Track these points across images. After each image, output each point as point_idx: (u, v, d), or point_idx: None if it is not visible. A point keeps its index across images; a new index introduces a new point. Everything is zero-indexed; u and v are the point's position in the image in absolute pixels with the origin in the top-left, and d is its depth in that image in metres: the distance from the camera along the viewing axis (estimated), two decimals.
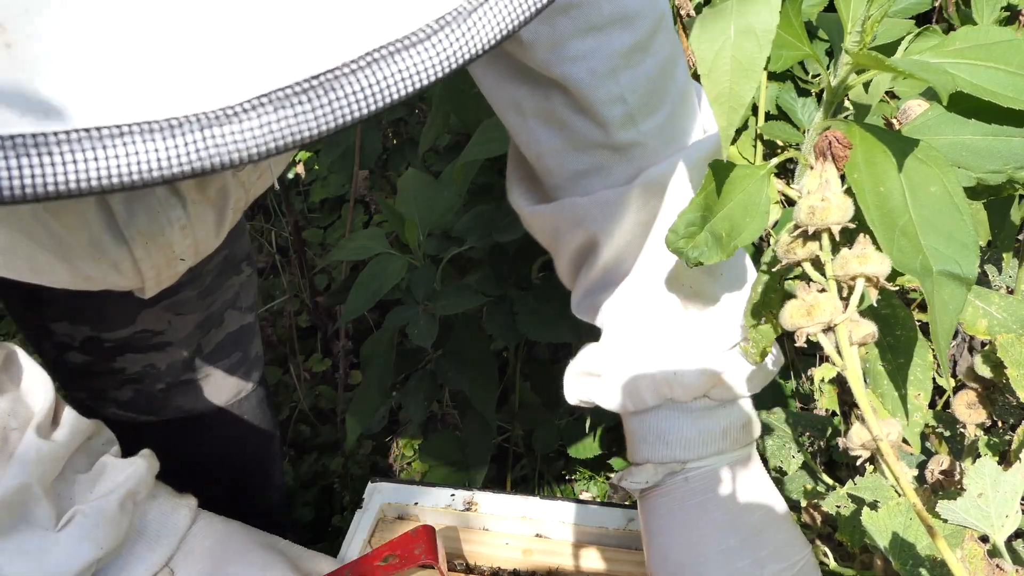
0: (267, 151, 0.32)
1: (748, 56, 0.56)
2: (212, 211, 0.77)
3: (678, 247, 0.63)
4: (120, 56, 0.31)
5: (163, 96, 0.31)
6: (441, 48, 0.34)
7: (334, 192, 2.35)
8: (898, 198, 0.57)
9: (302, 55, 0.33)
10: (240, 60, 0.32)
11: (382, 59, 0.33)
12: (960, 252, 0.56)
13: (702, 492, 0.74)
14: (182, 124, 0.31)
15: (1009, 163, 0.63)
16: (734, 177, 0.64)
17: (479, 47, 0.35)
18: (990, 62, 0.61)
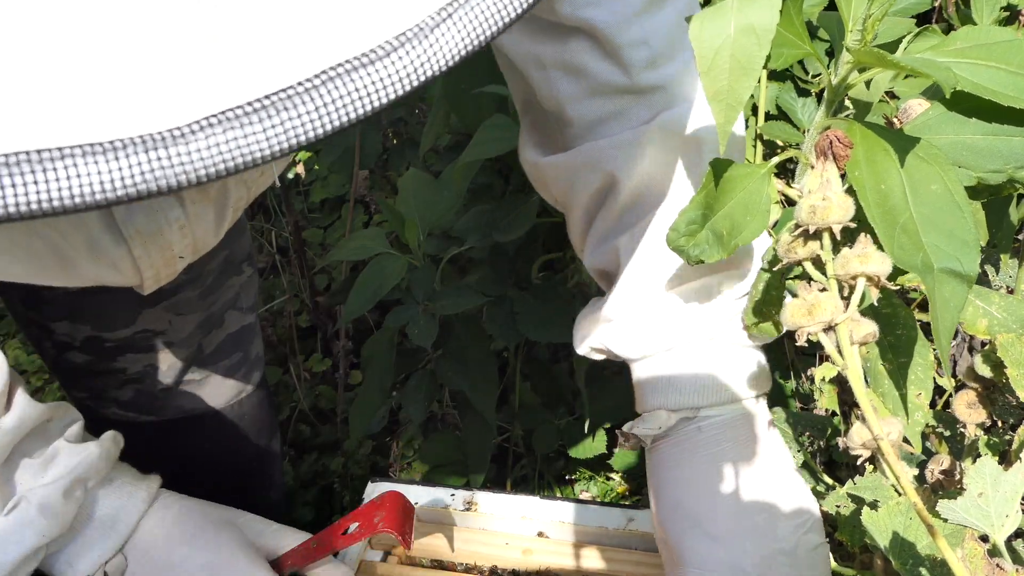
0: (216, 173, 0.31)
1: (747, 54, 0.56)
2: (212, 210, 0.77)
3: (679, 245, 0.63)
4: (62, 76, 0.30)
5: (107, 117, 0.30)
6: (401, 65, 0.33)
7: (334, 192, 2.35)
8: (899, 196, 0.57)
9: (254, 73, 0.31)
10: (189, 79, 0.31)
11: (338, 77, 0.32)
12: (961, 250, 0.56)
13: (715, 442, 0.72)
14: (127, 146, 0.30)
15: (1010, 163, 0.63)
16: (734, 176, 0.64)
17: (442, 63, 0.34)
18: (991, 62, 0.61)
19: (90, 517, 0.72)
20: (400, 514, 0.74)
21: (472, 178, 1.36)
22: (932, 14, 1.46)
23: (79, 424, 0.74)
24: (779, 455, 0.74)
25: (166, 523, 0.75)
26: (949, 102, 0.64)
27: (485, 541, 0.91)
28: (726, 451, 0.72)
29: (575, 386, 1.56)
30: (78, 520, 0.71)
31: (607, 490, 1.74)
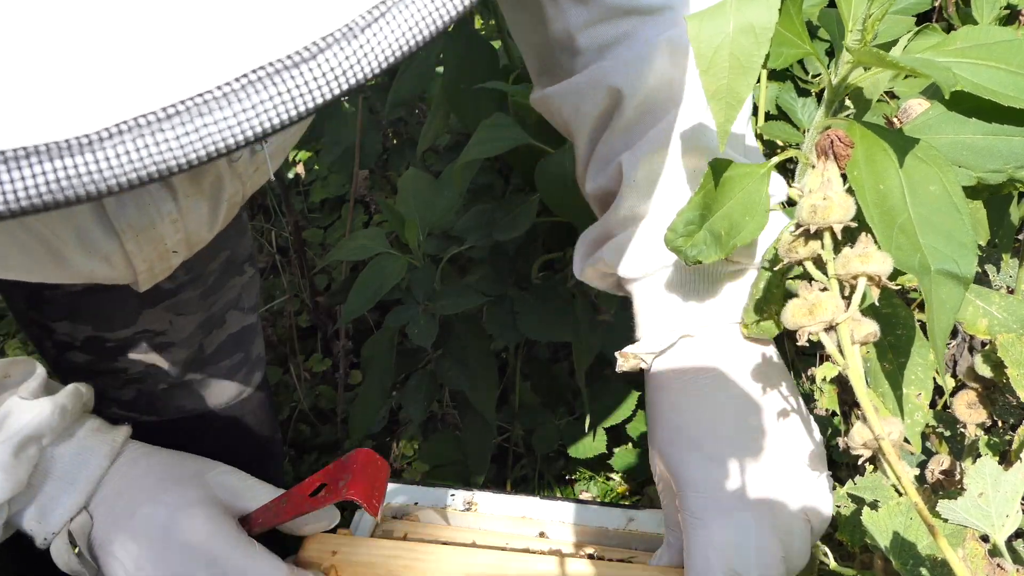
0: (128, 182, 0.30)
1: (746, 53, 0.56)
2: (205, 204, 0.76)
3: (676, 245, 0.63)
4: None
5: (12, 124, 0.29)
6: (328, 68, 0.32)
7: (334, 192, 2.35)
8: (897, 196, 0.57)
9: (171, 77, 0.30)
10: (100, 83, 0.29)
11: (259, 81, 0.31)
12: (958, 251, 0.56)
13: (717, 362, 0.69)
14: (30, 155, 0.29)
15: (1009, 162, 0.63)
16: (733, 176, 0.64)
17: (373, 67, 0.33)
18: (991, 61, 0.61)
19: (47, 474, 0.71)
20: (367, 478, 0.68)
21: (472, 178, 1.36)
22: (932, 14, 1.46)
23: (39, 379, 0.72)
24: (782, 380, 0.71)
25: (130, 478, 0.73)
26: (949, 102, 0.64)
27: (485, 541, 0.91)
28: (728, 372, 0.69)
29: (575, 386, 1.56)
30: (36, 478, 0.70)
31: (607, 490, 1.74)
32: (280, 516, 0.72)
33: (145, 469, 0.74)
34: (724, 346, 0.70)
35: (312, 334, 2.11)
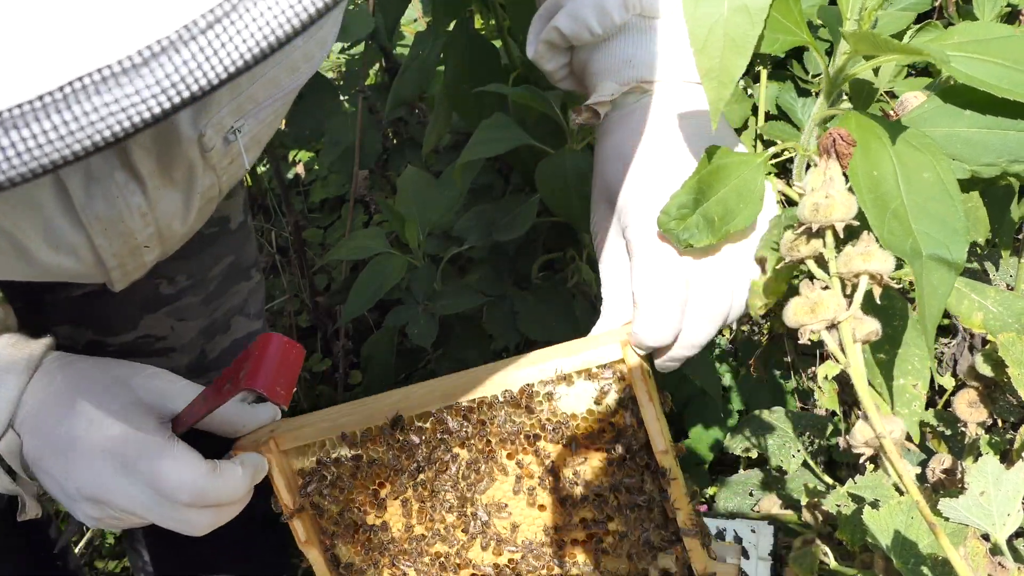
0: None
1: (740, 32, 0.57)
2: (178, 196, 0.74)
3: (669, 228, 0.64)
4: None
5: None
6: (145, 83, 0.30)
7: (334, 192, 2.35)
8: (891, 182, 0.57)
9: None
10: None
11: (73, 95, 0.30)
12: (950, 237, 0.56)
13: (665, 107, 0.72)
14: None
15: (1004, 156, 0.63)
16: (729, 164, 0.64)
17: (217, 72, 0.31)
18: (987, 56, 0.62)
19: None
20: (270, 365, 0.62)
21: (472, 178, 1.36)
22: (933, 14, 1.46)
23: None
24: (729, 129, 0.73)
25: (51, 391, 0.71)
26: (944, 95, 0.64)
27: None
28: (675, 116, 0.72)
29: None
30: None
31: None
32: (199, 413, 0.70)
33: (64, 381, 0.72)
34: (672, 94, 0.73)
35: (312, 334, 2.11)
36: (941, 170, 0.58)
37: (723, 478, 1.28)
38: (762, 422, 1.12)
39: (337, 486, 0.74)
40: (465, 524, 0.73)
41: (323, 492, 0.74)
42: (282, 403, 0.62)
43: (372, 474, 0.73)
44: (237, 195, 1.06)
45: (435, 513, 0.73)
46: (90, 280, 0.77)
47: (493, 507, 0.72)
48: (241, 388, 0.62)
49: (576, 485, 0.70)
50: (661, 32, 0.74)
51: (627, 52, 0.74)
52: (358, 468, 0.73)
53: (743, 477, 1.22)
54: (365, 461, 0.73)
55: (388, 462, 0.73)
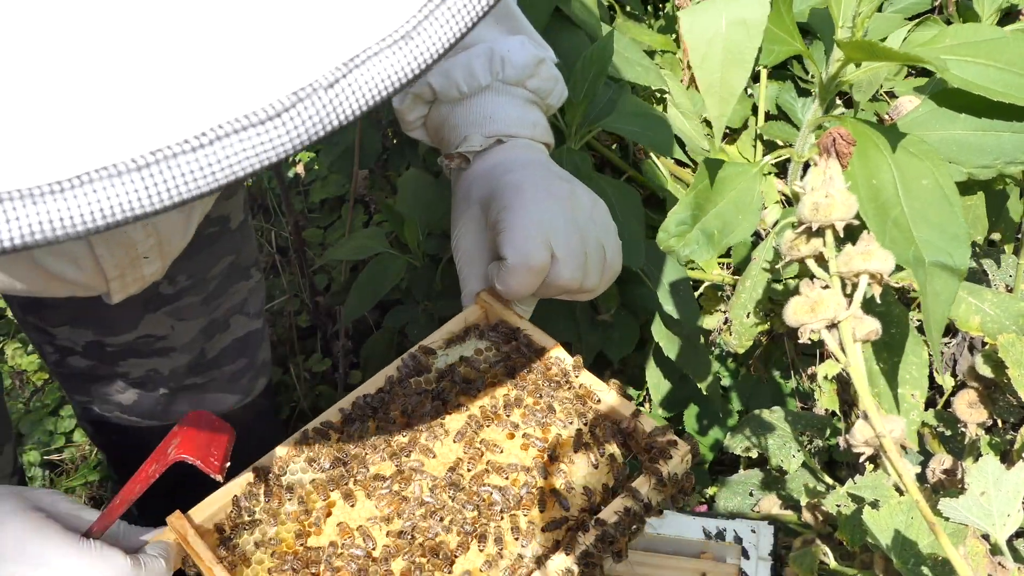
0: (96, 228, 0.31)
1: (739, 47, 0.57)
2: (180, 212, 0.75)
3: (669, 245, 0.64)
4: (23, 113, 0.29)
5: (74, 151, 0.30)
6: (299, 122, 0.32)
7: (334, 192, 2.35)
8: (890, 190, 0.57)
9: (136, 130, 0.31)
10: (75, 132, 0.30)
11: (226, 136, 0.32)
12: (952, 243, 0.56)
13: (525, 149, 0.84)
14: (3, 200, 0.30)
15: (999, 158, 0.63)
16: (727, 175, 0.64)
17: (313, 134, 0.33)
18: (980, 58, 0.62)
19: None
20: (200, 437, 0.61)
21: None
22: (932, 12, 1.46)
23: None
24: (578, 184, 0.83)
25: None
26: (938, 98, 0.64)
27: None
28: (533, 156, 0.84)
29: None
30: None
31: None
32: (112, 515, 0.66)
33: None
34: (528, 143, 0.86)
35: (312, 334, 2.11)
36: (940, 176, 0.58)
37: (723, 478, 1.28)
38: (762, 422, 1.12)
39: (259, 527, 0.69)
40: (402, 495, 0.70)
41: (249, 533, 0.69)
42: (216, 473, 0.61)
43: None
44: (237, 195, 1.06)
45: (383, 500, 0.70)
46: (88, 292, 0.77)
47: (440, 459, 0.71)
48: (171, 460, 0.60)
49: (510, 408, 0.73)
50: (510, 100, 0.86)
51: (488, 109, 0.86)
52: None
53: (743, 477, 1.22)
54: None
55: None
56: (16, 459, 1.13)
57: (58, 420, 1.99)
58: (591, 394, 0.72)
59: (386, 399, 0.75)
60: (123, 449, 1.19)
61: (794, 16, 0.65)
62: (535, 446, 0.70)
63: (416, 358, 0.77)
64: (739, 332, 0.68)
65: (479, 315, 0.80)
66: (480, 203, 0.82)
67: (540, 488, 0.68)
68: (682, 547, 1.00)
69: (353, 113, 0.33)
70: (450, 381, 0.75)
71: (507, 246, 0.75)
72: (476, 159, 0.85)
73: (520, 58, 0.86)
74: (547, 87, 0.89)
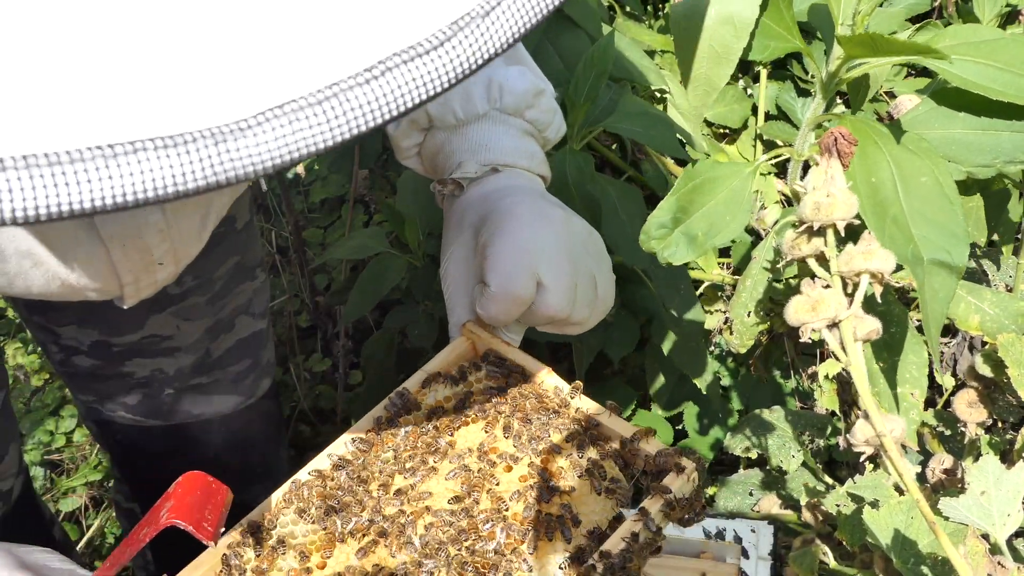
0: (281, 164, 0.32)
1: (725, 44, 0.57)
2: (197, 216, 0.75)
3: (650, 247, 0.64)
4: (130, 72, 0.30)
5: (175, 111, 0.30)
6: (455, 54, 0.33)
7: (334, 192, 2.35)
8: (889, 188, 0.57)
9: (313, 66, 0.32)
10: (251, 72, 0.31)
11: (396, 67, 0.33)
12: (950, 241, 0.57)
13: (518, 178, 0.83)
14: (196, 139, 0.30)
15: (998, 157, 0.63)
16: (718, 175, 0.64)
17: (493, 50, 0.34)
18: (980, 58, 0.62)
19: None
20: (193, 500, 0.60)
21: None
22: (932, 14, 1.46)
23: None
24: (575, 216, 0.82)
25: None
26: (938, 97, 0.65)
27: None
28: (530, 185, 0.84)
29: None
30: None
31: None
32: (117, 562, 0.63)
33: None
34: (521, 173, 0.85)
35: (312, 334, 2.11)
36: (939, 174, 0.58)
37: (723, 478, 1.28)
38: (762, 422, 1.13)
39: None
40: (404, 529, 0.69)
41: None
42: (208, 539, 0.59)
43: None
44: (243, 195, 1.06)
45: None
46: (101, 296, 0.77)
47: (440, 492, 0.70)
48: (163, 524, 0.58)
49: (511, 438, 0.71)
50: (506, 129, 0.85)
51: (484, 138, 0.84)
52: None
53: (743, 477, 1.22)
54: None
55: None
56: (21, 459, 1.13)
57: (58, 420, 2.00)
58: (589, 419, 0.70)
59: (375, 441, 0.72)
60: (127, 449, 1.19)
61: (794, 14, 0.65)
62: (534, 477, 0.68)
63: (404, 396, 0.74)
64: (740, 332, 0.68)
65: (466, 347, 0.77)
66: (472, 229, 0.80)
67: (543, 520, 0.65)
68: (682, 547, 1.00)
69: (506, 42, 0.34)
70: (441, 417, 0.72)
71: (491, 272, 0.73)
72: (470, 186, 0.84)
73: (519, 87, 0.85)
74: (545, 119, 0.88)
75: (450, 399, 0.74)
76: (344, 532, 0.67)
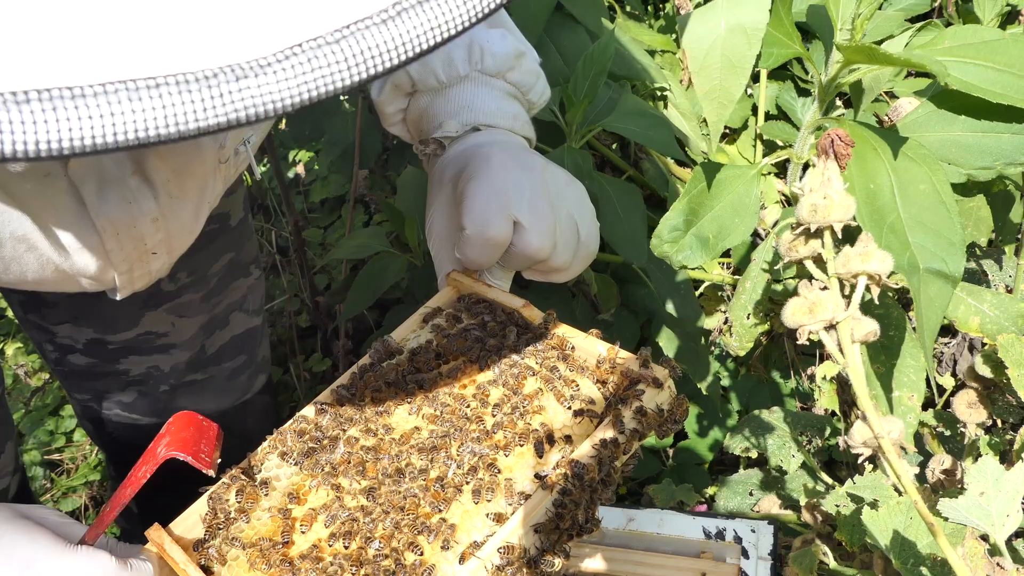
0: (300, 102, 0.32)
1: (738, 53, 0.57)
2: (190, 206, 0.75)
3: (663, 251, 0.64)
4: (152, 10, 0.30)
5: (195, 49, 0.31)
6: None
7: (334, 192, 2.35)
8: (887, 195, 0.57)
9: (329, 7, 0.32)
10: (270, 12, 0.31)
11: (411, 8, 0.33)
12: (947, 250, 0.56)
13: (501, 136, 0.84)
14: (216, 75, 0.31)
15: (999, 159, 0.63)
16: (724, 178, 0.64)
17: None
18: (979, 59, 0.62)
19: None
20: (188, 435, 0.62)
21: None
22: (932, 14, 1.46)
23: None
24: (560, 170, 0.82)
25: None
26: (938, 100, 0.64)
27: None
28: (505, 140, 0.84)
29: None
30: None
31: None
32: (106, 517, 0.66)
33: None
34: (504, 133, 0.85)
35: (312, 334, 2.11)
36: (937, 181, 0.58)
37: (723, 478, 1.28)
38: (761, 422, 1.12)
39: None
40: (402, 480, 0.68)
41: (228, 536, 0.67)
42: (207, 468, 0.61)
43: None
44: (238, 192, 1.06)
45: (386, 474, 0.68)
46: (95, 286, 0.77)
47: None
48: (162, 458, 0.60)
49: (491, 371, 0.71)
50: (489, 91, 0.86)
51: (466, 99, 0.86)
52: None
53: (743, 477, 1.22)
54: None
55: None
56: (18, 457, 1.13)
57: (58, 420, 2.00)
58: (565, 342, 0.71)
59: (359, 385, 0.73)
60: (123, 447, 1.19)
61: (793, 18, 0.65)
62: (510, 399, 0.68)
63: (386, 342, 0.75)
64: (739, 333, 0.68)
65: (450, 295, 0.79)
66: (452, 183, 0.81)
67: (519, 433, 0.66)
68: (682, 547, 1.00)
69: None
70: (423, 357, 0.73)
71: (466, 216, 0.74)
72: (451, 144, 0.85)
73: (500, 49, 0.85)
74: (528, 81, 0.88)
75: (434, 341, 0.75)
76: (325, 470, 0.68)
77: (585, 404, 0.66)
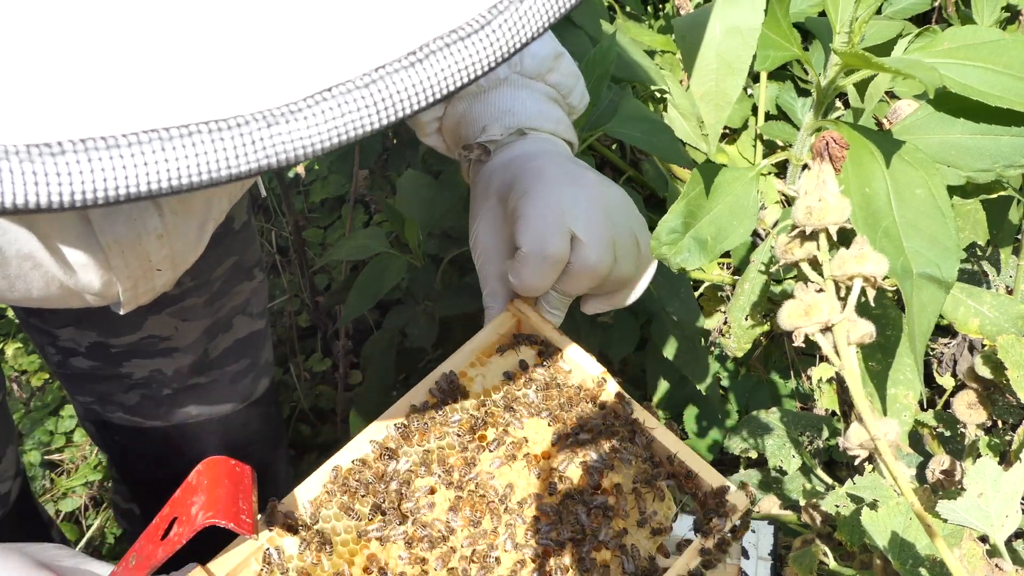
0: (331, 145, 0.32)
1: (734, 54, 0.57)
2: (194, 222, 0.75)
3: (660, 253, 0.64)
4: (183, 57, 0.30)
5: (226, 94, 0.31)
6: (495, 37, 0.34)
7: (334, 192, 2.35)
8: (883, 199, 0.57)
9: (358, 50, 0.32)
10: (300, 57, 0.32)
11: (439, 51, 0.33)
12: (941, 255, 0.56)
13: (545, 142, 0.82)
14: (248, 122, 0.31)
15: (998, 161, 0.63)
16: (722, 180, 0.64)
17: (530, 33, 0.35)
18: (978, 62, 0.62)
19: None
20: (223, 491, 0.55)
21: None
22: (932, 14, 1.46)
23: None
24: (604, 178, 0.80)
25: None
26: (936, 102, 0.64)
27: None
28: (557, 148, 0.82)
29: None
30: None
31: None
32: (149, 564, 0.57)
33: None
34: (548, 138, 0.83)
35: (312, 334, 2.11)
36: (933, 186, 0.58)
37: None
38: (761, 422, 1.13)
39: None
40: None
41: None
42: (250, 533, 0.55)
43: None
44: (241, 196, 1.06)
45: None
46: (100, 302, 0.77)
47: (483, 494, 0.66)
48: (200, 525, 0.54)
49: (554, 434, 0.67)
50: (532, 94, 0.84)
51: (507, 103, 0.83)
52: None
53: (742, 477, 1.22)
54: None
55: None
56: (19, 461, 1.13)
57: (58, 420, 2.00)
58: (644, 429, 0.67)
59: (420, 428, 0.67)
60: (125, 450, 1.19)
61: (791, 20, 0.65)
62: (592, 484, 0.64)
63: (451, 379, 0.69)
64: (737, 335, 0.68)
65: (511, 325, 0.74)
66: (499, 195, 0.78)
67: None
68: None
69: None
70: (493, 408, 0.68)
71: (522, 234, 0.71)
72: (496, 151, 0.82)
73: (539, 50, 0.83)
74: (568, 84, 0.86)
75: (498, 388, 0.70)
76: (394, 534, 0.63)
77: (658, 525, 0.66)
